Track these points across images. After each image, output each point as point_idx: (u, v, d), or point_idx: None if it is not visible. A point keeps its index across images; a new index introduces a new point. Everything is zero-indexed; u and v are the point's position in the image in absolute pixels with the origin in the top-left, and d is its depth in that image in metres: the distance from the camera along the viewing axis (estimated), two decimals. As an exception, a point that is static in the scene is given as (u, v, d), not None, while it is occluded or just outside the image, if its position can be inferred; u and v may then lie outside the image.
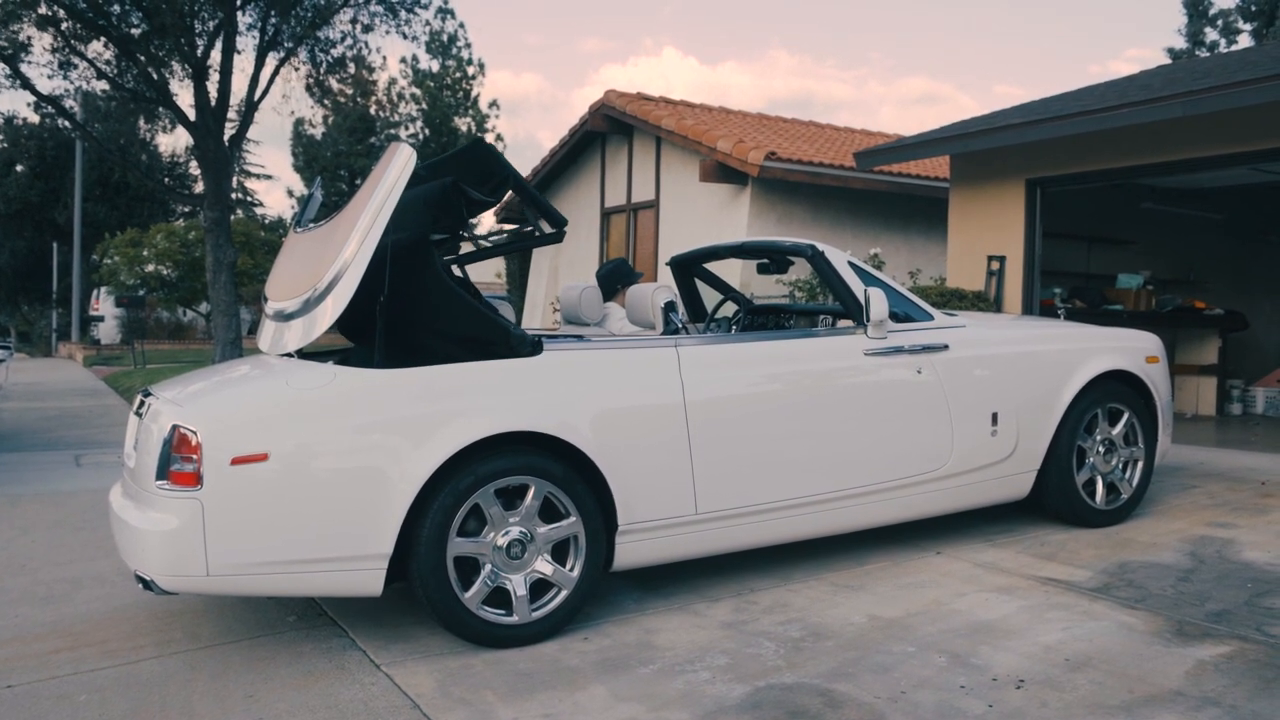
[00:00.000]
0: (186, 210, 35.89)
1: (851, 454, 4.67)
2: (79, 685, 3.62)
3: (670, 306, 4.60)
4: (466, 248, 4.75)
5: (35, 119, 34.79)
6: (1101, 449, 5.47)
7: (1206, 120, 8.07)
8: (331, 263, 3.88)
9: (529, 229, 4.57)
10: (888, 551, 5.09)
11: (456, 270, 4.57)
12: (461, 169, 4.41)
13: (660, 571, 4.72)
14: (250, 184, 39.28)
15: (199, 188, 32.60)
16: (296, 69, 15.92)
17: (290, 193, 48.22)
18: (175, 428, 3.63)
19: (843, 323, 5.51)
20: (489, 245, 4.89)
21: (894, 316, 4.98)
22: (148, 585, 3.67)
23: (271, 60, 14.91)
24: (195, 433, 3.57)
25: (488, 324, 4.02)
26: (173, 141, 48.97)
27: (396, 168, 3.86)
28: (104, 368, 21.08)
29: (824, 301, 10.14)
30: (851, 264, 4.97)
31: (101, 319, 29.86)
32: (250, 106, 14.71)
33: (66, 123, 18.03)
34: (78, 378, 19.47)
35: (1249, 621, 3.99)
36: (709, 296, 6.36)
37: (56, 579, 5.01)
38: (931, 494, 4.94)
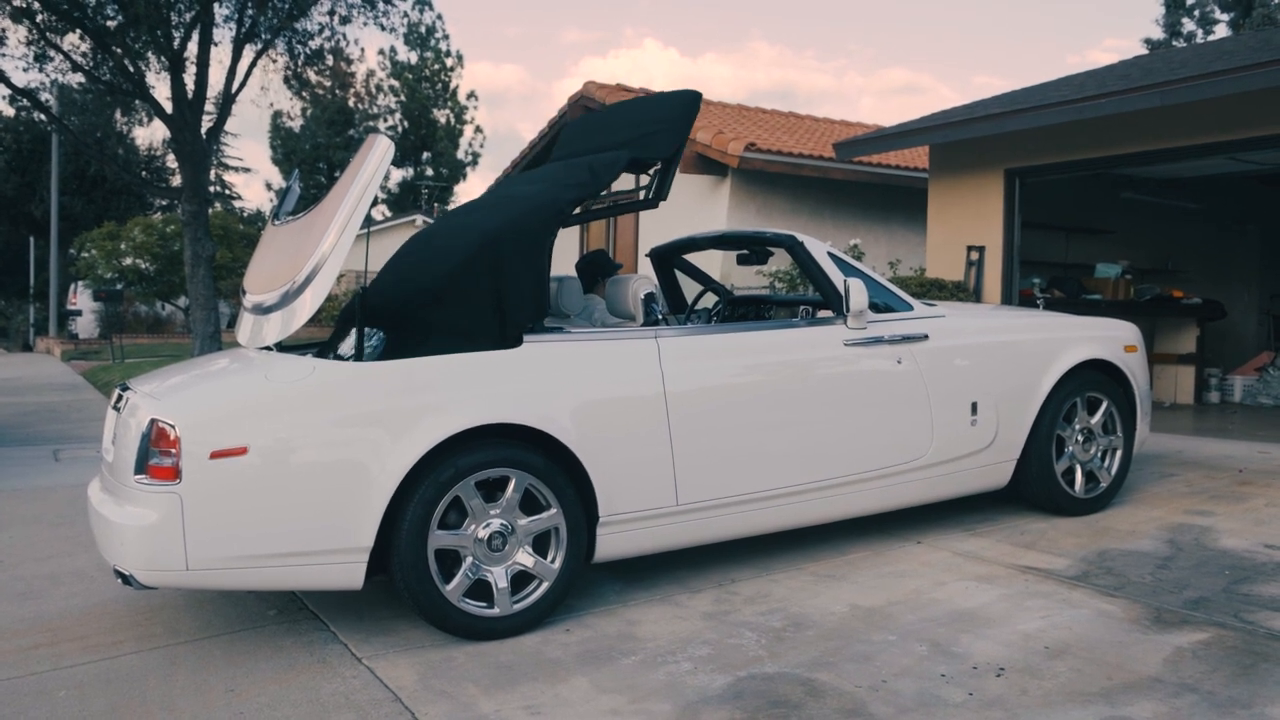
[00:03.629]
0: (164, 204, 35.61)
1: (832, 444, 4.68)
2: (58, 681, 3.60)
3: (650, 298, 4.59)
4: None
5: (10, 112, 34.43)
6: (1080, 438, 5.50)
7: (1184, 110, 8.12)
8: (310, 255, 3.86)
9: (628, 192, 4.67)
10: (868, 541, 5.11)
11: None
12: (647, 113, 4.61)
13: (641, 563, 4.73)
14: (228, 177, 38.98)
15: (176, 181, 32.35)
16: (274, 61, 15.81)
17: (269, 185, 48.04)
18: (154, 422, 3.60)
19: (822, 313, 5.52)
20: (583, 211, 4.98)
21: (874, 307, 4.99)
22: (127, 580, 3.65)
23: (249, 52, 14.81)
24: (174, 426, 3.54)
25: (542, 297, 4.08)
26: (149, 135, 48.61)
27: (375, 159, 3.84)
28: (82, 362, 20.91)
29: (804, 292, 10.16)
30: (831, 254, 4.98)
31: (79, 313, 29.59)
32: (227, 99, 14.61)
33: (42, 116, 17.84)
34: (55, 372, 19.32)
35: (1227, 608, 4.02)
36: (689, 288, 6.36)
37: (35, 575, 4.97)
38: (912, 484, 4.96)
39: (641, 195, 4.70)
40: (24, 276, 35.84)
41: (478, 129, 46.09)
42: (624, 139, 4.67)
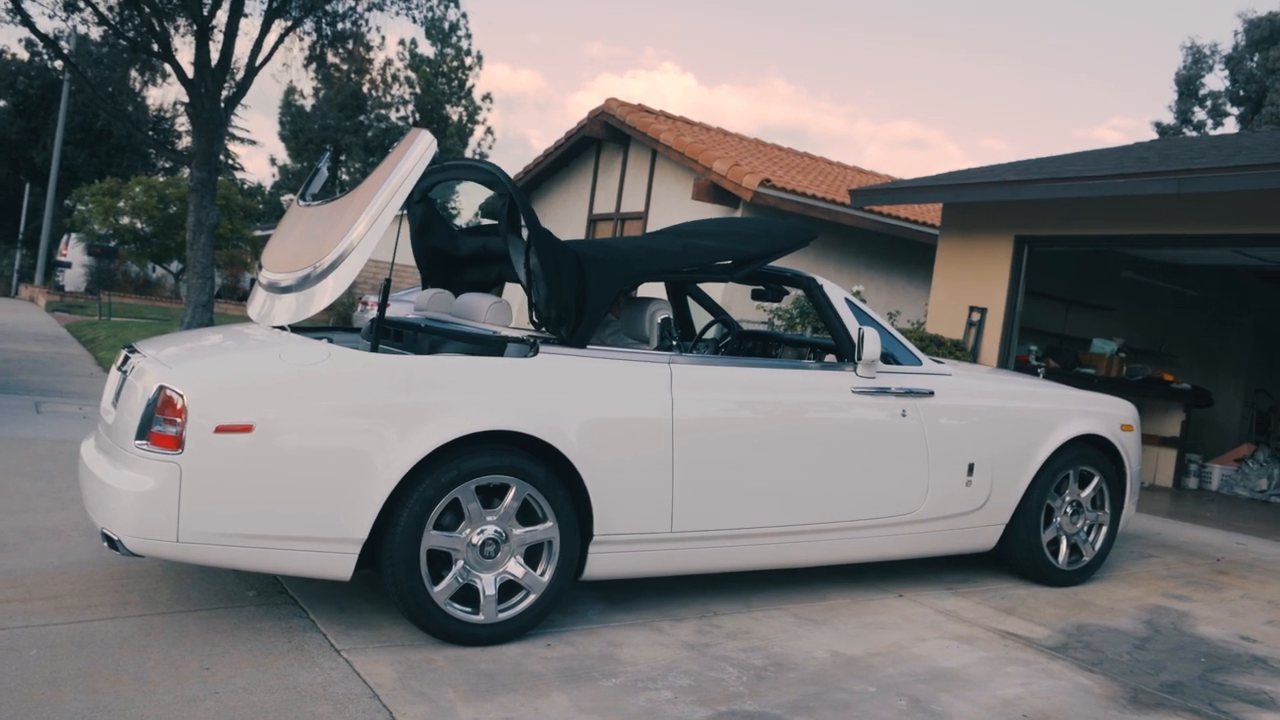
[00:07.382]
0: (167, 165, 35.39)
1: (830, 489, 4.68)
2: (30, 639, 3.55)
3: (667, 323, 4.59)
4: None
5: (25, 56, 34.21)
6: (1069, 510, 5.52)
7: (1198, 199, 8.20)
8: (337, 242, 3.84)
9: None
10: (849, 589, 5.11)
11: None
12: (759, 227, 5.30)
13: (623, 585, 4.71)
14: (234, 147, 38.72)
15: (181, 144, 32.18)
16: (300, 39, 15.79)
17: (273, 160, 47.83)
18: (162, 389, 3.57)
19: (829, 357, 5.54)
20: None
21: (883, 358, 5.00)
22: (114, 544, 3.61)
23: (278, 27, 14.77)
24: (182, 396, 3.51)
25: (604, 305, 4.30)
26: (160, 95, 48.35)
27: (415, 154, 3.84)
28: (66, 315, 20.71)
29: (802, 332, 10.18)
30: (849, 301, 5.00)
31: (69, 265, 29.29)
32: (250, 71, 14.54)
33: (59, 64, 17.67)
34: (38, 322, 19.14)
35: (1202, 695, 4.03)
36: (698, 317, 6.36)
37: (9, 527, 4.91)
38: (901, 537, 4.96)
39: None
40: (14, 221, 35.50)
41: (489, 130, 45.96)
42: (724, 232, 5.12)
